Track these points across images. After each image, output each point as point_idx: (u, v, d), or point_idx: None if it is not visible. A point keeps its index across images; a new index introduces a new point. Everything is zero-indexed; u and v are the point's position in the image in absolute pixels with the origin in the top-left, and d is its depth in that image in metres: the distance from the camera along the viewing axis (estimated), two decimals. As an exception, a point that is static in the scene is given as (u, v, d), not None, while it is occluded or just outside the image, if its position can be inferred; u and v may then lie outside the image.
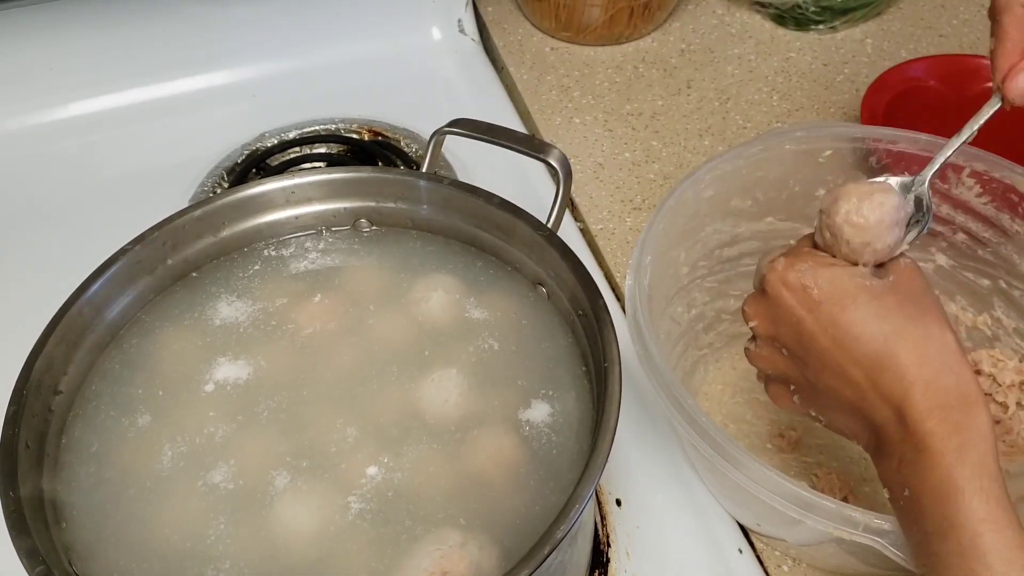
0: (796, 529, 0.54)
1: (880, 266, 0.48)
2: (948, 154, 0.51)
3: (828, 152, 0.65)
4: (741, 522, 0.62)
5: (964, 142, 0.50)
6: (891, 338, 0.44)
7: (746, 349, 0.53)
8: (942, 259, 0.67)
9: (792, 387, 0.50)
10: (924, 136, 0.63)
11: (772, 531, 0.60)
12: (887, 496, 0.45)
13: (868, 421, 0.46)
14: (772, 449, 0.65)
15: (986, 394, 0.52)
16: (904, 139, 0.63)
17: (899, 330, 0.44)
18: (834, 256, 0.48)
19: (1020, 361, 0.65)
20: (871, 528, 0.47)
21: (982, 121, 0.50)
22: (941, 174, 0.62)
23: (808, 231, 0.66)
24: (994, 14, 0.47)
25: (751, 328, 0.51)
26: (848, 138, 0.65)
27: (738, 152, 0.64)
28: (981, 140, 0.61)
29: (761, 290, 0.50)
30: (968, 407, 0.42)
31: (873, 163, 0.65)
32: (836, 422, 0.49)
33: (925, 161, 0.57)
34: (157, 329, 0.56)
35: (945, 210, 0.65)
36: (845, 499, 0.61)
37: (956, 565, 0.40)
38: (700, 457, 0.57)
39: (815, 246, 0.50)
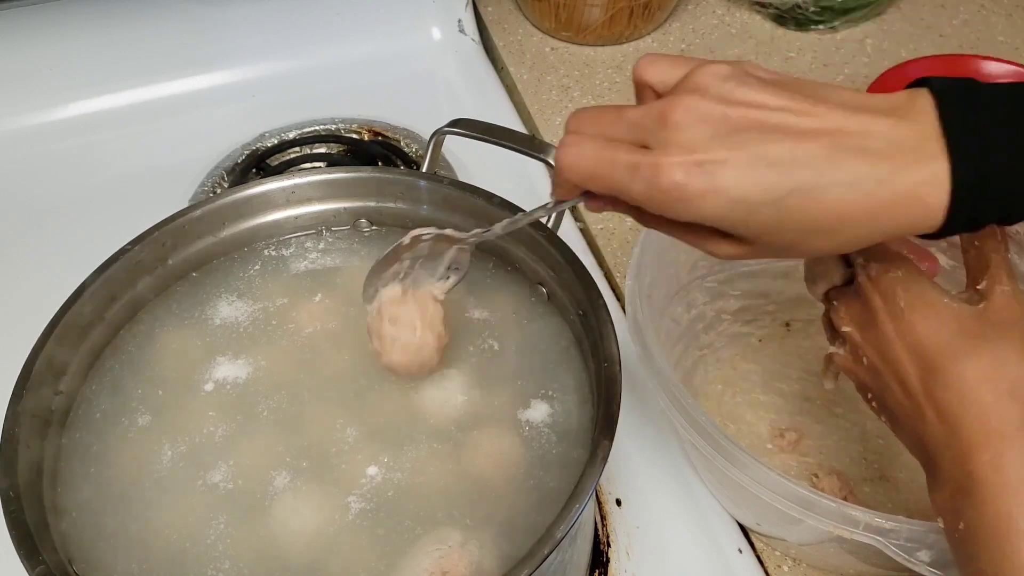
0: (796, 528, 0.54)
1: (977, 290, 0.45)
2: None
3: None
4: (741, 522, 0.62)
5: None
6: (961, 356, 0.42)
7: (832, 355, 0.50)
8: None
9: (869, 395, 0.48)
10: None
11: (772, 531, 0.60)
12: (941, 526, 0.42)
13: (924, 441, 0.43)
14: (772, 449, 0.65)
15: None
16: None
17: (971, 348, 0.42)
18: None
19: None
20: (872, 527, 0.47)
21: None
22: None
23: None
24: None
25: (844, 333, 0.48)
26: None
27: None
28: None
29: (854, 293, 0.48)
30: None
31: None
32: (903, 439, 0.46)
33: None
34: (157, 329, 0.56)
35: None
36: (845, 499, 0.61)
37: None
38: (700, 457, 0.57)
39: None
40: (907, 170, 0.37)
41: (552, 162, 0.58)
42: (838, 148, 0.37)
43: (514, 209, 0.56)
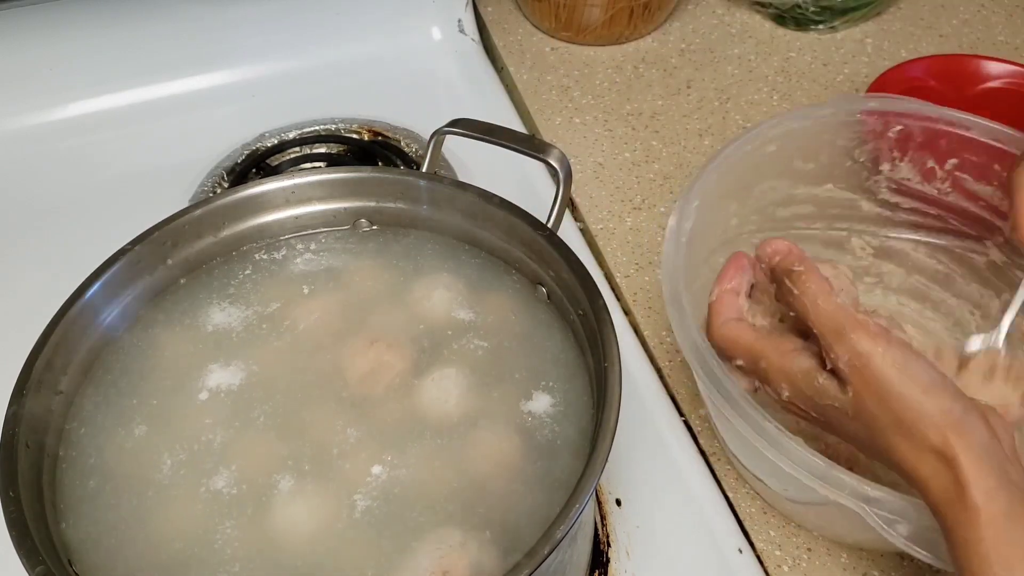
0: (796, 490, 0.55)
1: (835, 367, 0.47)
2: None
3: (899, 127, 0.63)
4: (753, 470, 0.62)
5: None
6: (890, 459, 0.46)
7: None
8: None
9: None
10: (998, 126, 0.61)
11: (761, 477, 0.60)
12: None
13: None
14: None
15: None
16: (978, 126, 0.62)
17: (889, 449, 0.46)
18: None
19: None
20: (857, 492, 0.47)
21: None
22: (1010, 167, 0.61)
23: (867, 205, 0.64)
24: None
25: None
26: (921, 115, 0.63)
27: (807, 112, 0.63)
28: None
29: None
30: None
31: (943, 146, 0.63)
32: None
33: (994, 151, 0.58)
34: (157, 329, 0.56)
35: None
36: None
37: None
38: (712, 407, 0.57)
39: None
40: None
41: (552, 163, 0.59)
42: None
43: (514, 209, 0.56)
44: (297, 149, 0.91)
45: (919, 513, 0.46)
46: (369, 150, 0.90)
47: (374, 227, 0.61)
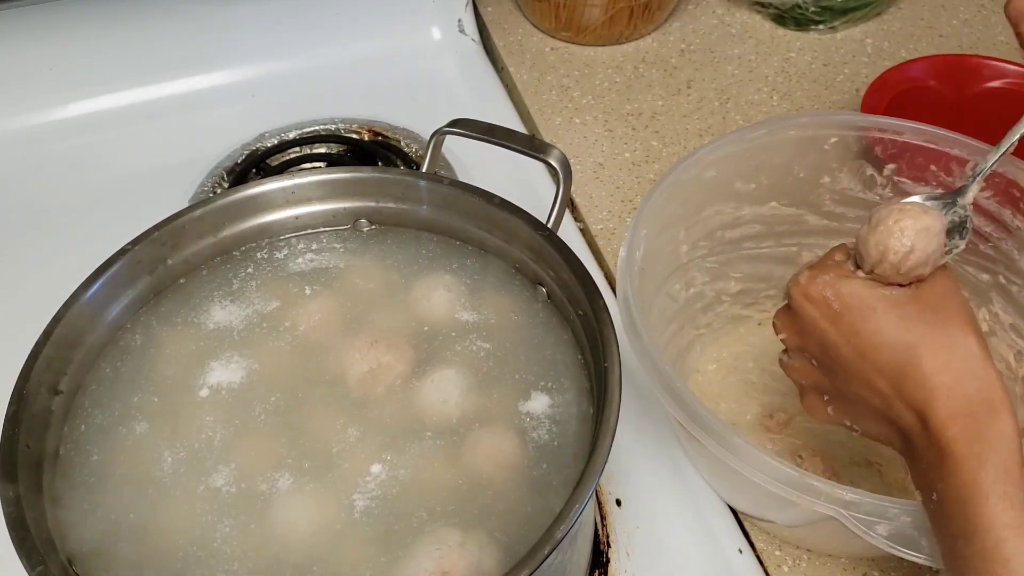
0: (785, 513, 0.55)
1: None
2: (986, 170, 0.51)
3: (833, 139, 0.64)
4: (732, 504, 0.62)
5: (1003, 155, 0.50)
6: (912, 346, 0.45)
7: (780, 360, 0.54)
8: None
9: (826, 397, 0.51)
10: (929, 128, 0.62)
11: (761, 513, 0.60)
12: (920, 500, 0.45)
13: (896, 427, 0.47)
14: (761, 429, 0.66)
15: None
16: (909, 130, 0.63)
17: (921, 338, 0.45)
18: (872, 271, 0.48)
19: (1015, 357, 0.65)
20: (832, 498, 0.47)
21: (1021, 131, 0.49)
22: (945, 168, 0.62)
23: (813, 219, 0.64)
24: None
25: (781, 340, 0.52)
26: (853, 126, 0.64)
27: (741, 135, 0.64)
28: (985, 136, 0.61)
29: (787, 304, 0.51)
30: (991, 412, 0.43)
31: (879, 153, 0.65)
32: (869, 430, 0.49)
33: (929, 153, 0.56)
34: (157, 329, 0.56)
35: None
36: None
37: (981, 569, 0.40)
38: (681, 431, 0.57)
39: (853, 260, 0.50)
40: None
41: (552, 163, 0.59)
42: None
43: (514, 209, 0.56)
44: (297, 149, 0.91)
45: (897, 511, 0.46)
46: (369, 150, 0.90)
47: (374, 227, 0.61)
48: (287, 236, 0.61)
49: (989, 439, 0.42)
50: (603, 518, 0.62)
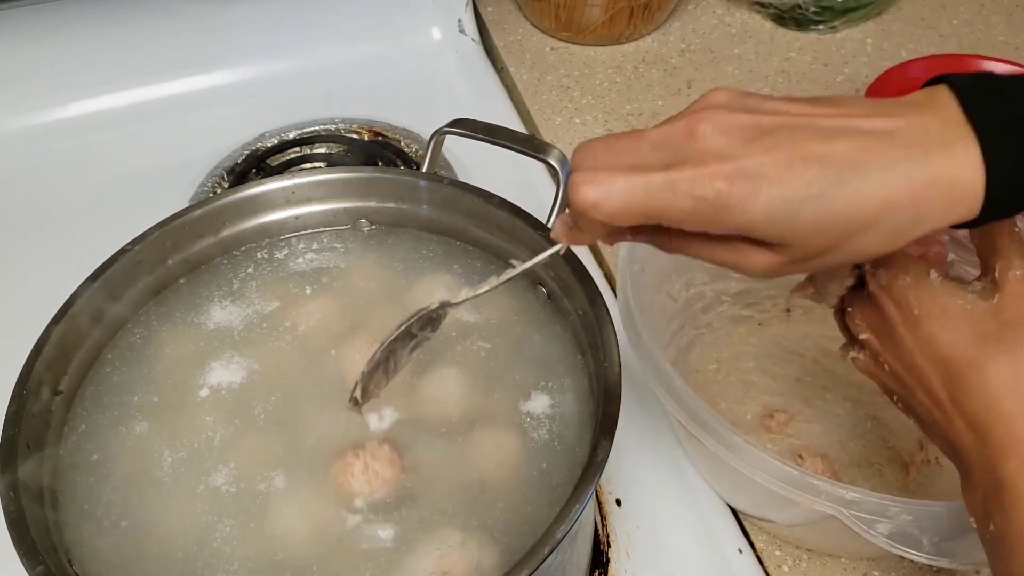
0: (785, 512, 0.55)
1: (992, 278, 0.44)
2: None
3: None
4: (732, 504, 0.63)
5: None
6: (982, 365, 0.42)
7: (853, 359, 0.50)
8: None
9: (896, 398, 0.48)
10: None
11: (762, 513, 0.60)
12: (974, 526, 0.43)
13: (955, 445, 0.44)
14: (761, 429, 0.66)
15: None
16: None
17: (991, 358, 0.42)
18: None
19: None
20: (833, 496, 0.47)
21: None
22: None
23: None
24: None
25: (862, 340, 0.48)
26: None
27: None
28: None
29: (868, 300, 0.48)
30: None
31: None
32: (933, 440, 0.47)
33: None
34: (157, 329, 0.56)
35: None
36: None
37: None
38: (682, 431, 0.57)
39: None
40: (939, 153, 0.37)
41: (552, 163, 0.59)
42: (868, 141, 0.37)
43: (514, 209, 0.56)
44: (297, 149, 0.91)
45: (898, 510, 0.46)
46: (369, 150, 0.90)
47: (374, 227, 0.61)
48: (287, 236, 0.61)
49: None
50: (603, 518, 0.62)
